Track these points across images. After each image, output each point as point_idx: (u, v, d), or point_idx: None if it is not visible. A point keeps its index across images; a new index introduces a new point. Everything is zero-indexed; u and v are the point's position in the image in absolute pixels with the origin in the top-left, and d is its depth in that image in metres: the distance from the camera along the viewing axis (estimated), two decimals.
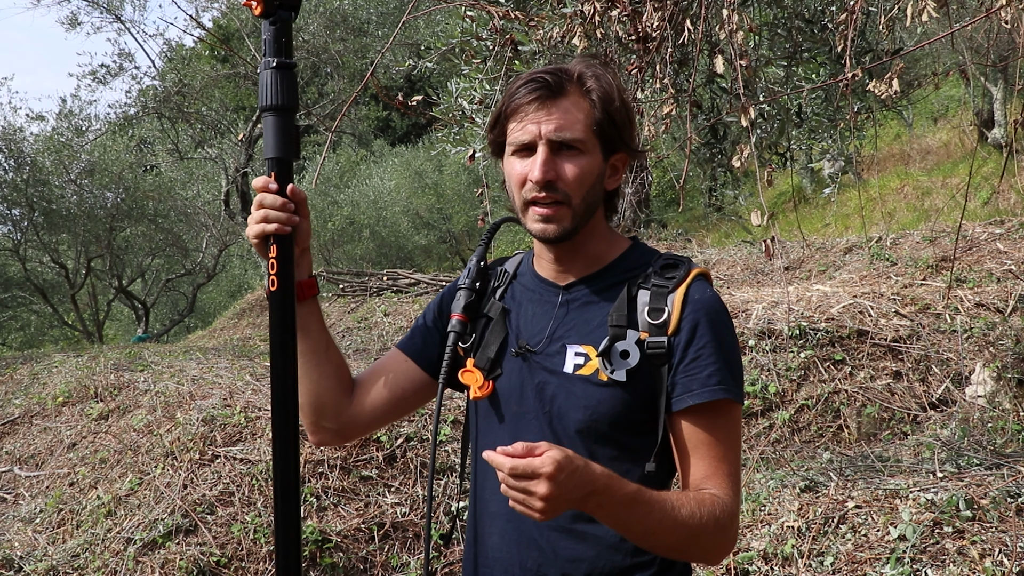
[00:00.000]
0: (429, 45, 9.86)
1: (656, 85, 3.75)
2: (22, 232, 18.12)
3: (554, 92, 1.69)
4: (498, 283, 1.90)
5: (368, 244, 21.77)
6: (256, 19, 1.70)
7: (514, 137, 1.71)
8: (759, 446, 5.66)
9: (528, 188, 1.70)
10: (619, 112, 1.73)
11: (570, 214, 1.70)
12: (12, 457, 6.63)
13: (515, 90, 1.72)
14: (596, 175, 1.73)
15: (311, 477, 5.31)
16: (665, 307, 1.69)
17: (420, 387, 1.91)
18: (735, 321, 6.72)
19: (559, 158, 1.69)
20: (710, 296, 1.72)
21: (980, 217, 11.13)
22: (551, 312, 1.80)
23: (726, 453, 1.66)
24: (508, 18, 4.00)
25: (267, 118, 1.66)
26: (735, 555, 4.12)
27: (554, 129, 1.67)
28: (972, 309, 6.93)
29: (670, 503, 1.55)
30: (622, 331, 1.69)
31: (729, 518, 1.60)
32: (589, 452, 1.67)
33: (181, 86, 17.45)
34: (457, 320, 1.83)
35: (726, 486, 1.63)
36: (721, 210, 16.01)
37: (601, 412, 1.69)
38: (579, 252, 1.79)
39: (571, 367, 1.72)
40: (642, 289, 1.73)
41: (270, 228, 1.67)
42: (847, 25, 3.34)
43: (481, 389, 1.79)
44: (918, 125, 19.48)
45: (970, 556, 3.67)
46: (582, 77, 1.72)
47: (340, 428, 1.87)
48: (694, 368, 1.65)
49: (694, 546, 1.61)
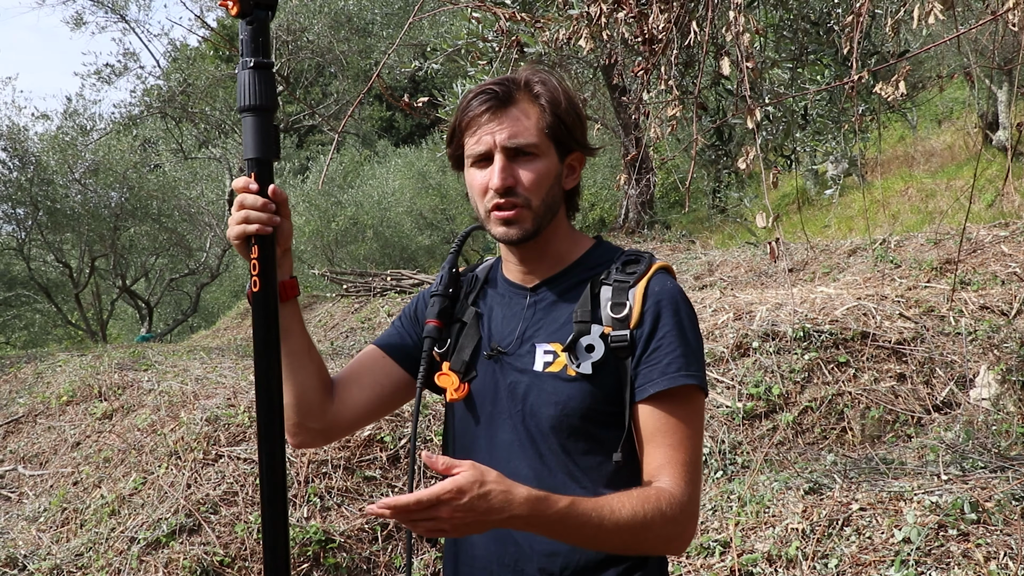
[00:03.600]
0: (435, 46, 9.86)
1: (662, 87, 3.75)
2: (26, 231, 18.15)
3: (504, 101, 1.76)
4: (470, 289, 1.96)
5: (372, 244, 21.77)
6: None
7: (471, 149, 1.78)
8: (763, 448, 5.65)
9: (489, 196, 1.76)
10: (568, 114, 1.79)
11: (531, 216, 1.77)
12: (16, 456, 6.64)
13: (467, 104, 1.79)
14: (553, 176, 1.79)
15: (315, 477, 5.32)
16: (627, 301, 1.75)
17: (400, 386, 1.95)
18: (739, 323, 6.73)
19: (516, 164, 1.75)
20: (670, 287, 1.78)
21: (984, 219, 11.11)
22: (520, 314, 1.86)
23: (683, 440, 1.70)
24: (514, 20, 4.01)
25: (246, 118, 1.66)
26: (739, 557, 4.13)
27: (507, 137, 1.74)
28: (976, 311, 6.92)
29: (608, 508, 1.58)
30: (586, 326, 1.75)
31: (679, 509, 1.64)
32: (562, 447, 1.75)
33: (185, 86, 17.47)
34: (433, 326, 1.87)
35: (679, 476, 1.67)
36: (725, 212, 16.03)
37: (571, 407, 1.74)
38: (544, 252, 1.85)
39: (541, 365, 1.78)
40: (604, 285, 1.79)
41: (251, 229, 1.66)
42: (853, 27, 3.33)
43: (457, 391, 1.85)
44: (922, 127, 19.46)
45: (975, 559, 3.67)
46: (529, 83, 1.79)
47: (324, 428, 1.88)
48: (655, 357, 1.71)
49: (643, 543, 1.65)
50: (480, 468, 1.50)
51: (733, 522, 4.45)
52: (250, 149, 1.66)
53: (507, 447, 1.80)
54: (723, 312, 7.05)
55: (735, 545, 4.24)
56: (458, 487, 1.46)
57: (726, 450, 5.65)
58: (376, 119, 31.88)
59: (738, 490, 4.81)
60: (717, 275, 10.87)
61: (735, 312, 6.96)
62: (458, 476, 1.47)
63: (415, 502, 1.44)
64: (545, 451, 1.76)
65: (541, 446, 1.77)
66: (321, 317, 14.20)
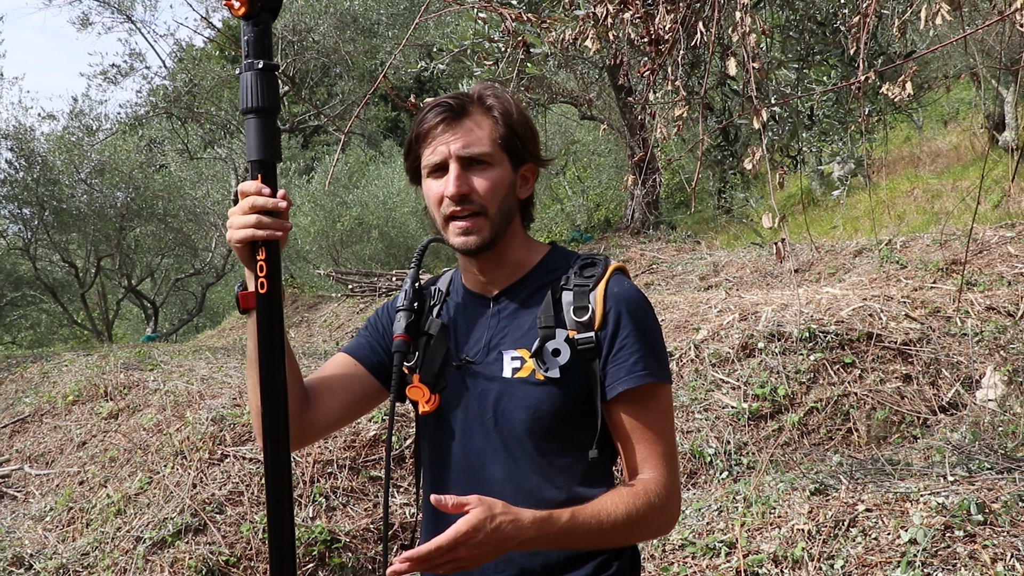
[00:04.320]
0: (441, 46, 9.85)
1: (668, 87, 3.75)
2: (32, 231, 18.19)
3: (458, 113, 1.82)
4: (434, 301, 2.01)
5: (377, 244, 21.78)
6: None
7: (427, 160, 1.84)
8: (768, 449, 5.65)
9: (446, 204, 1.82)
10: (521, 126, 1.86)
11: (488, 224, 1.82)
12: (23, 455, 6.66)
13: (422, 117, 1.85)
14: (507, 185, 1.85)
15: (320, 477, 5.32)
16: (589, 304, 1.81)
17: (370, 393, 1.99)
18: (744, 323, 6.72)
19: (470, 172, 1.81)
20: (628, 287, 1.85)
21: (991, 220, 11.08)
22: (484, 323, 1.92)
23: (659, 433, 1.80)
24: (520, 20, 4.01)
25: (250, 120, 1.65)
26: (745, 558, 4.12)
27: (462, 146, 1.80)
28: (983, 312, 6.91)
29: (605, 512, 1.71)
30: (551, 331, 1.81)
31: (665, 497, 1.76)
32: (536, 448, 1.81)
33: (191, 86, 17.47)
34: (401, 340, 1.90)
35: (660, 465, 1.78)
36: (730, 212, 16.00)
37: (543, 410, 1.80)
38: (501, 260, 1.91)
39: (509, 371, 1.84)
40: (565, 290, 1.85)
41: (261, 234, 1.64)
42: (860, 28, 3.33)
43: (428, 403, 1.90)
44: (928, 128, 19.41)
45: (982, 560, 3.66)
46: (482, 97, 1.85)
47: (298, 434, 1.88)
48: (620, 357, 1.78)
49: (639, 534, 1.78)
50: (487, 502, 1.60)
51: (739, 523, 4.45)
52: (254, 151, 1.66)
53: (480, 453, 1.85)
54: (728, 313, 7.04)
55: (741, 546, 4.24)
56: (471, 526, 1.56)
57: (731, 451, 5.65)
58: (381, 119, 31.86)
59: (744, 491, 4.81)
60: (722, 276, 10.86)
61: (741, 313, 6.96)
62: (469, 516, 1.57)
63: (435, 549, 1.55)
64: (519, 454, 1.82)
65: (514, 450, 1.82)
66: (326, 317, 14.22)
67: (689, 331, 6.84)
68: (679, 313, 7.28)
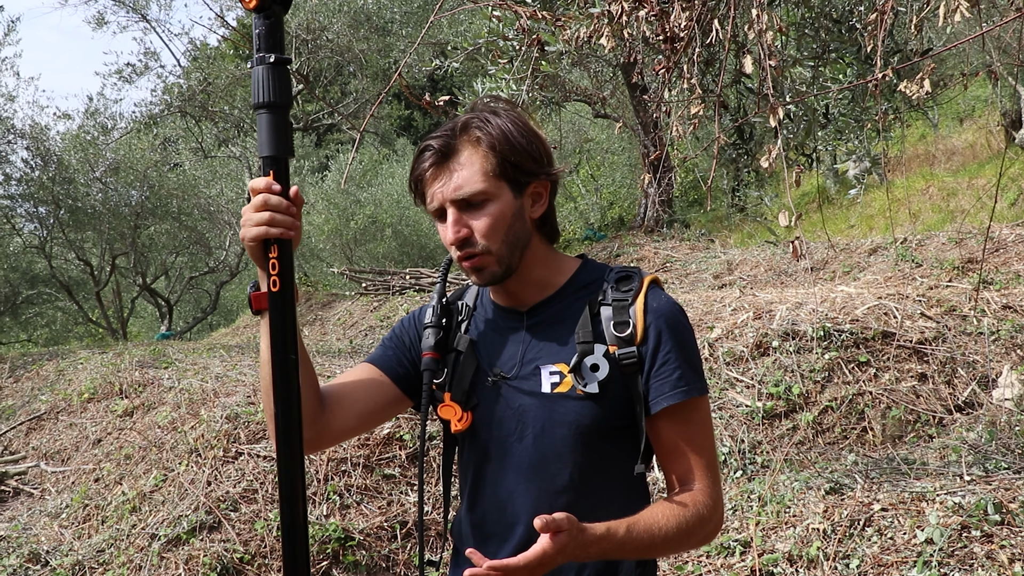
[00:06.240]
0: (455, 45, 9.84)
1: (683, 85, 3.73)
2: (48, 229, 18.25)
3: (444, 155, 1.78)
4: (461, 317, 1.98)
5: (390, 243, 21.79)
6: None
7: (429, 207, 1.82)
8: (783, 448, 5.63)
9: (452, 248, 1.80)
10: (515, 149, 1.78)
11: (494, 260, 1.80)
12: (38, 452, 6.70)
13: (415, 163, 1.82)
14: (510, 215, 1.80)
15: (334, 475, 5.33)
16: (629, 319, 1.80)
17: (392, 402, 1.96)
18: (759, 322, 6.70)
19: (468, 214, 1.78)
20: (666, 301, 1.84)
21: (1007, 219, 11.02)
22: (517, 337, 1.89)
23: (702, 445, 1.81)
24: (535, 18, 3.99)
25: (261, 115, 1.62)
26: (760, 557, 4.11)
27: (453, 190, 1.76)
28: (999, 311, 6.87)
29: (658, 525, 1.72)
30: (589, 346, 1.79)
31: (712, 508, 1.78)
32: (575, 464, 1.81)
33: (205, 84, 17.51)
34: (430, 358, 1.89)
35: (704, 477, 1.80)
36: (744, 211, 15.96)
37: (584, 424, 1.79)
38: (527, 281, 1.88)
39: (548, 387, 1.82)
40: (603, 305, 1.83)
41: (274, 232, 1.62)
42: (876, 25, 3.31)
43: (460, 421, 1.87)
44: (944, 126, 19.30)
45: (999, 560, 3.64)
46: (467, 127, 1.79)
47: (312, 438, 1.85)
48: (663, 372, 1.78)
49: (687, 545, 1.79)
50: (573, 522, 1.61)
51: (754, 522, 4.43)
52: (266, 147, 1.63)
53: (517, 470, 1.84)
54: (743, 311, 7.02)
55: (756, 545, 4.23)
56: (556, 550, 1.59)
57: (746, 449, 5.63)
58: (395, 117, 31.90)
59: (758, 490, 4.80)
60: (736, 274, 10.83)
61: (755, 311, 6.93)
62: (562, 536, 1.59)
63: (524, 566, 1.59)
64: (557, 470, 1.81)
65: (553, 465, 1.81)
66: (340, 315, 14.24)
67: (703, 329, 6.82)
68: (693, 312, 7.26)
